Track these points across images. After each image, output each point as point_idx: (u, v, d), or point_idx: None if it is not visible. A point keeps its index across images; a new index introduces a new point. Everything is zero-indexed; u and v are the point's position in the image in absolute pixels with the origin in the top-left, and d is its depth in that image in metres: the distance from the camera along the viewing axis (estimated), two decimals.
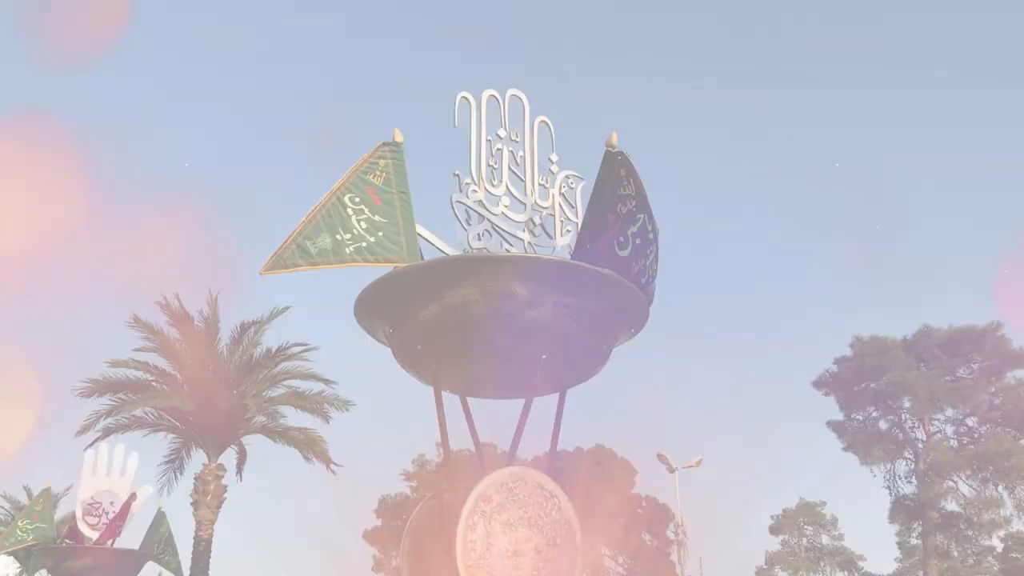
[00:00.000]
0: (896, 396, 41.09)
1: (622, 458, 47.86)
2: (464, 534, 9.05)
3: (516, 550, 9.23)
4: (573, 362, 10.30)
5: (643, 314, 10.47)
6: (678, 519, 33.41)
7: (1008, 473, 38.82)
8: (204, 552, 19.16)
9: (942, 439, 41.35)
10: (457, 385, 11.01)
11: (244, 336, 19.32)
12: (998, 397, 40.43)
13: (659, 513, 46.01)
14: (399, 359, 10.62)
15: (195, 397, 18.86)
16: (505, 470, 9.65)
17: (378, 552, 47.67)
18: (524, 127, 10.78)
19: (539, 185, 10.68)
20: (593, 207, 9.87)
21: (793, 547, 47.50)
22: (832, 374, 43.53)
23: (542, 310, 9.49)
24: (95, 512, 23.00)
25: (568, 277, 9.58)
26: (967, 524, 40.31)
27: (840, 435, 42.92)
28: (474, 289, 9.41)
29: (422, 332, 9.85)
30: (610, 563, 47.03)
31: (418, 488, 47.42)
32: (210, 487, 19.01)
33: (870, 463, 42.07)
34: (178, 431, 19.66)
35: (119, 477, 23.36)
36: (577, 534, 9.72)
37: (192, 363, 19.13)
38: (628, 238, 9.74)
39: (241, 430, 19.52)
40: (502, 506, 9.34)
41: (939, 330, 41.50)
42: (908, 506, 41.53)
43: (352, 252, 9.24)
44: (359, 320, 10.51)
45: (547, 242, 10.53)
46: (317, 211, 9.20)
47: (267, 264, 9.04)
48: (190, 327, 19.20)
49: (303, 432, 19.69)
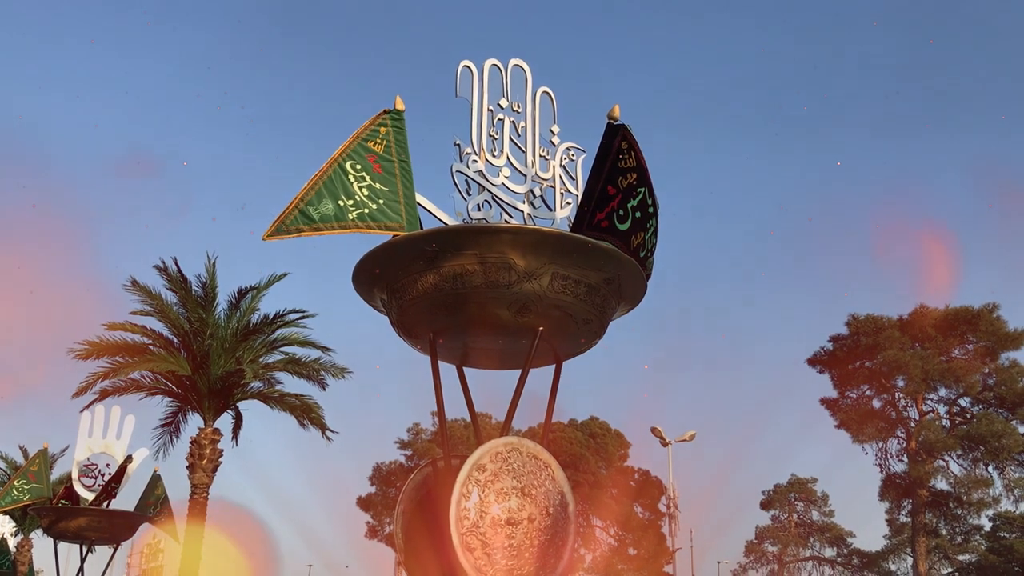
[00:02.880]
0: (890, 375, 41.32)
1: (616, 431, 48.24)
2: (458, 502, 9.12)
3: (509, 519, 9.32)
4: (570, 334, 10.34)
5: (641, 288, 10.50)
6: (670, 492, 33.66)
7: (998, 453, 39.14)
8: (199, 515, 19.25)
9: (934, 419, 41.62)
10: (454, 355, 11.07)
11: (242, 302, 19.30)
12: (991, 378, 40.65)
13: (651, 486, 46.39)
14: (397, 328, 10.65)
15: (192, 361, 18.87)
16: (500, 440, 9.70)
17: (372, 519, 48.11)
18: (526, 98, 10.75)
19: (540, 157, 10.66)
20: (593, 180, 9.85)
21: (783, 522, 47.93)
22: (827, 352, 43.70)
23: (540, 281, 9.50)
24: (91, 473, 23.19)
25: (567, 249, 9.59)
26: (956, 503, 40.68)
27: (833, 412, 43.17)
28: (473, 259, 9.42)
29: (420, 301, 9.87)
30: (602, 534, 47.45)
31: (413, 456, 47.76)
32: (206, 451, 19.06)
33: (862, 441, 42.37)
34: (174, 395, 19.68)
35: (115, 440, 23.54)
36: (570, 504, 9.81)
37: (189, 327, 19.12)
38: (628, 212, 9.74)
39: (237, 395, 19.54)
40: (496, 475, 9.41)
41: (935, 310, 41.62)
42: (899, 484, 41.87)
43: (355, 218, 9.25)
44: (357, 288, 10.54)
45: (547, 214, 10.54)
46: (319, 177, 9.18)
47: (269, 229, 9.05)
48: (187, 291, 19.17)
49: (299, 399, 19.73)
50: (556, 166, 10.70)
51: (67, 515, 22.59)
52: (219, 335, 19.08)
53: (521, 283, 9.48)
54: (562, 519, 9.67)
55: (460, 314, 9.86)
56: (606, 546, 46.96)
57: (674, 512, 33.05)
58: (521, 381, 10.16)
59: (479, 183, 10.13)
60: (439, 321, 10.04)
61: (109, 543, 24.54)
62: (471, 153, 10.13)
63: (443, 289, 9.63)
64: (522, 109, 10.67)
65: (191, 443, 19.26)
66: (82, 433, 23.30)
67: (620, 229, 9.75)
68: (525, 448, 9.75)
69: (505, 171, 10.38)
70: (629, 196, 9.72)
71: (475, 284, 9.51)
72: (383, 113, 9.64)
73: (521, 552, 9.32)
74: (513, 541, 9.28)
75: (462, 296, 9.62)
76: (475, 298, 9.61)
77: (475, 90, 10.32)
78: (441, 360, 10.48)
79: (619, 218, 9.74)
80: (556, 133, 10.84)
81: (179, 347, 19.22)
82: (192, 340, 19.08)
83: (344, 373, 19.55)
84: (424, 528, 10.04)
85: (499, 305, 9.66)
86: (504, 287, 9.48)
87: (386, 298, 10.36)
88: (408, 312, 10.12)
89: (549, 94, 10.91)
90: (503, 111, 10.53)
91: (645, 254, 10.03)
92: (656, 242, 10.26)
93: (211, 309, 19.31)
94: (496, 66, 10.57)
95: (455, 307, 9.77)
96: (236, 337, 19.13)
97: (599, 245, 9.61)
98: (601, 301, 10.12)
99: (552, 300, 9.64)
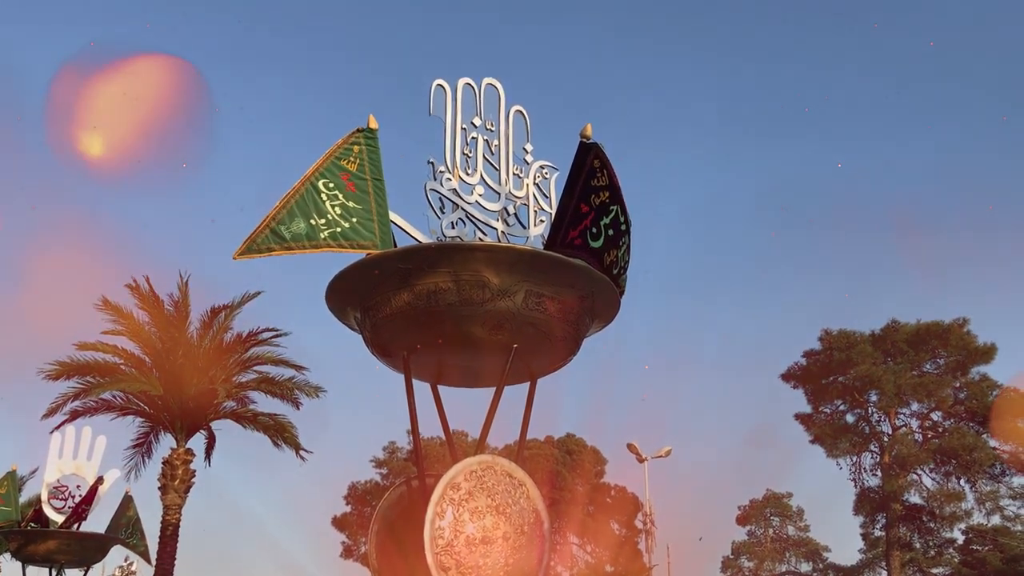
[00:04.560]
0: (863, 390, 41.64)
1: (592, 447, 48.20)
2: (432, 521, 9.08)
3: (484, 538, 9.29)
4: (544, 352, 10.35)
5: (614, 305, 10.54)
6: (646, 508, 33.67)
7: (970, 467, 39.48)
8: (171, 536, 19.04)
9: (907, 433, 41.95)
10: (428, 373, 11.04)
11: (215, 320, 19.18)
12: (962, 392, 41.05)
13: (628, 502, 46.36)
14: (370, 346, 10.62)
15: (164, 381, 18.70)
16: (474, 458, 9.68)
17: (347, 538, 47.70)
18: (499, 116, 10.79)
19: (513, 175, 10.70)
20: (566, 198, 9.91)
21: (759, 537, 48.07)
22: (801, 367, 43.98)
23: (514, 299, 9.52)
24: (61, 495, 22.82)
25: (541, 267, 9.63)
26: (929, 517, 40.98)
27: (808, 427, 43.40)
28: (446, 277, 9.42)
29: (394, 319, 9.86)
30: (579, 551, 47.34)
31: (388, 475, 47.47)
32: (178, 472, 18.88)
33: (836, 456, 42.60)
34: (146, 415, 19.48)
35: (86, 460, 23.17)
36: (545, 523, 9.80)
37: (161, 347, 18.95)
38: (601, 229, 9.79)
39: (210, 415, 19.38)
40: (471, 494, 9.38)
41: (906, 325, 42.04)
42: (873, 498, 42.12)
43: (327, 237, 9.23)
44: (331, 306, 10.51)
45: (520, 232, 10.57)
46: (291, 196, 9.16)
47: (240, 248, 9.00)
48: (160, 310, 19.02)
49: (273, 418, 19.60)
50: (529, 184, 10.74)
51: (36, 538, 22.20)
52: (191, 354, 18.94)
53: (495, 301, 9.50)
54: (537, 537, 9.65)
55: (434, 332, 9.85)
56: (583, 563, 46.83)
57: (650, 528, 33.05)
58: (496, 398, 10.16)
59: (453, 201, 10.15)
60: (413, 339, 10.03)
61: (79, 566, 24.11)
62: (444, 171, 10.15)
63: (417, 307, 9.62)
64: (495, 127, 10.72)
65: (163, 464, 19.07)
66: (52, 454, 22.94)
67: (593, 247, 9.80)
68: (500, 466, 9.74)
69: (479, 189, 10.40)
70: (602, 214, 9.77)
71: (449, 302, 9.51)
72: (356, 131, 9.65)
73: (496, 571, 9.28)
74: (488, 560, 9.25)
75: (436, 314, 9.61)
76: (449, 316, 9.61)
77: (448, 109, 10.36)
78: (415, 378, 10.45)
79: (592, 236, 9.79)
80: (529, 151, 10.89)
81: (151, 367, 19.06)
82: (164, 359, 18.92)
83: (318, 392, 19.46)
84: (398, 547, 9.99)
85: (473, 323, 9.67)
86: (478, 305, 9.49)
87: (359, 316, 10.34)
88: (382, 330, 10.10)
89: (522, 112, 10.96)
90: (476, 129, 10.57)
91: (618, 271, 10.08)
92: (629, 259, 10.31)
93: (184, 328, 19.18)
94: (469, 85, 10.62)
95: (429, 325, 9.76)
96: (209, 356, 18.99)
97: (572, 263, 9.65)
98: (575, 318, 10.15)
99: (526, 317, 9.66)
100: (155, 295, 19.04)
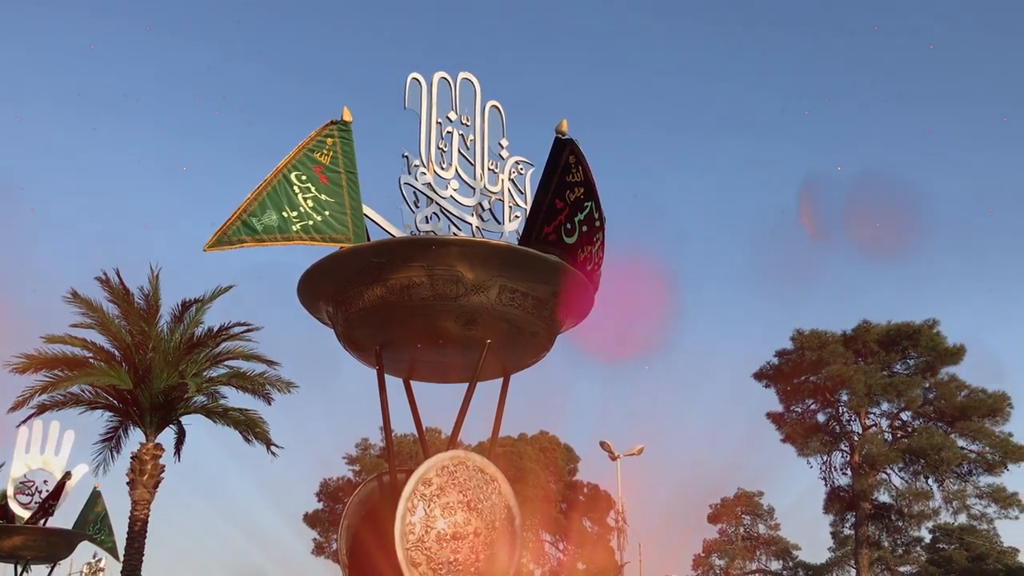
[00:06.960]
0: (834, 389, 41.93)
1: (565, 445, 48.27)
2: (403, 517, 9.04)
3: (455, 533, 9.26)
4: (518, 347, 10.33)
5: (588, 301, 10.54)
6: (618, 506, 33.75)
7: (938, 466, 39.87)
8: (140, 532, 18.79)
9: (877, 432, 42.31)
10: (401, 369, 10.99)
11: (185, 314, 18.95)
12: (931, 392, 41.45)
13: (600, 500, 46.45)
14: (343, 341, 10.55)
15: (134, 375, 18.45)
16: (446, 454, 9.65)
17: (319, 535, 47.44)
18: (475, 111, 10.76)
19: (489, 170, 10.67)
20: (541, 193, 9.89)
21: (730, 536, 48.32)
22: (773, 366, 44.24)
23: (488, 294, 9.49)
24: (28, 491, 22.53)
25: (515, 262, 9.60)
26: (898, 515, 41.36)
27: (779, 427, 43.67)
28: (420, 272, 9.37)
29: (366, 314, 9.79)
30: (551, 548, 47.39)
31: (361, 472, 47.25)
32: (147, 467, 18.63)
33: (807, 455, 42.89)
34: (115, 409, 19.21)
35: (53, 455, 22.90)
36: (516, 518, 9.78)
37: (131, 340, 18.70)
38: (575, 225, 9.79)
39: (180, 410, 19.15)
40: (442, 489, 9.35)
41: (877, 326, 42.40)
42: (842, 497, 42.45)
43: (299, 230, 9.15)
44: (303, 301, 10.43)
45: (495, 227, 10.55)
46: (263, 188, 9.08)
47: (211, 240, 8.91)
48: (130, 303, 18.77)
49: (244, 413, 19.39)
50: (505, 179, 10.72)
51: (1, 534, 21.91)
52: (162, 348, 18.70)
53: (469, 296, 9.46)
54: (508, 533, 9.63)
55: (407, 327, 9.81)
56: (554, 560, 46.89)
57: (622, 526, 33.14)
58: (468, 394, 10.13)
59: (427, 195, 10.10)
60: (386, 334, 9.97)
61: (46, 562, 23.82)
62: (419, 165, 10.11)
63: (390, 301, 9.57)
64: (471, 122, 10.68)
65: (132, 459, 18.82)
66: (19, 449, 22.64)
67: (567, 242, 9.80)
68: (472, 462, 9.71)
69: (454, 184, 10.37)
70: (577, 210, 9.77)
71: (422, 296, 9.46)
72: (330, 124, 9.57)
73: (467, 567, 9.26)
74: (459, 555, 9.22)
75: (409, 308, 9.56)
76: (422, 311, 9.56)
77: (424, 102, 10.31)
78: (388, 373, 10.41)
79: (567, 231, 9.79)
80: (505, 147, 10.86)
81: (120, 360, 18.79)
82: (134, 353, 18.68)
83: (290, 387, 19.27)
84: (369, 544, 9.94)
85: (447, 318, 9.63)
86: (452, 299, 9.45)
87: (332, 310, 10.26)
88: (354, 325, 10.03)
89: (498, 108, 10.93)
90: (452, 124, 10.52)
91: (592, 267, 10.08)
92: (603, 256, 10.31)
93: (154, 322, 18.93)
94: (445, 79, 10.58)
95: (402, 320, 9.71)
96: (179, 350, 18.77)
97: (546, 258, 9.64)
98: (549, 314, 10.13)
99: (500, 313, 9.63)
100: (125, 288, 18.78)
